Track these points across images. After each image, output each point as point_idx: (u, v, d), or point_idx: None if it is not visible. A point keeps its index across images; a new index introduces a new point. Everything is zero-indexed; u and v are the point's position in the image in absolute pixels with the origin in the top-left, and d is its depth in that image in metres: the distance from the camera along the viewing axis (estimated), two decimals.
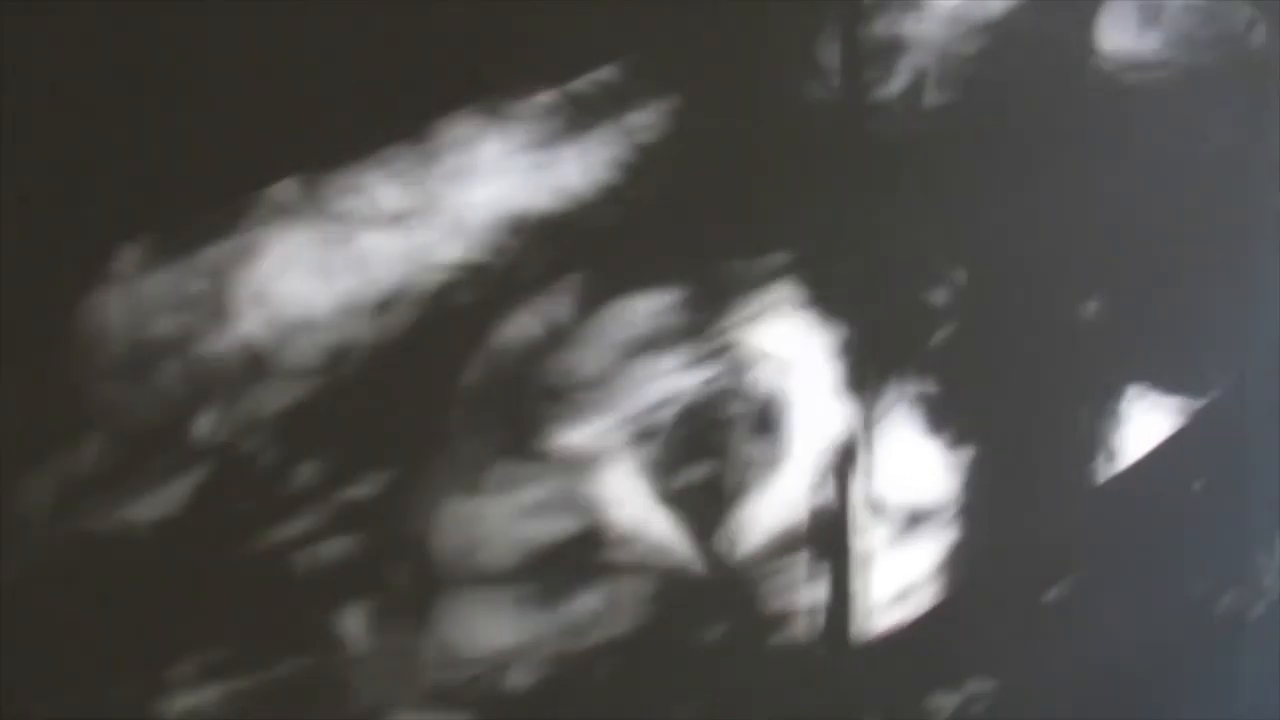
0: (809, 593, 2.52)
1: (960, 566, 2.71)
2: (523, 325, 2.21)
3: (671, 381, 2.35)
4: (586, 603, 2.30)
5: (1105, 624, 2.90)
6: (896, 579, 2.63)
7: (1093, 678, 2.90)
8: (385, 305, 2.10)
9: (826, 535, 2.54)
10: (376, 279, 2.09)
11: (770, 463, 2.46)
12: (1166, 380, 2.96)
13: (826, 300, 2.48)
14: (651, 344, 2.33)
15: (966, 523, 2.70)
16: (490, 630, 2.22)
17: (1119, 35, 2.79)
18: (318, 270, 2.05)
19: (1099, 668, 2.90)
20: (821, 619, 2.54)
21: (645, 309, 2.31)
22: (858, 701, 2.60)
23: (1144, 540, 2.95)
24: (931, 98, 2.57)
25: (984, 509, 2.72)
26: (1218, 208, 3.01)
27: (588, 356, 2.27)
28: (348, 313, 2.07)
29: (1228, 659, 3.11)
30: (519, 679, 2.25)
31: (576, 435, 2.26)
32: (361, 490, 2.11)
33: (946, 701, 2.70)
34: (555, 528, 2.27)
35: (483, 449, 2.19)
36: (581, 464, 2.27)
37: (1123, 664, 2.92)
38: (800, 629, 2.52)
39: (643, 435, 2.33)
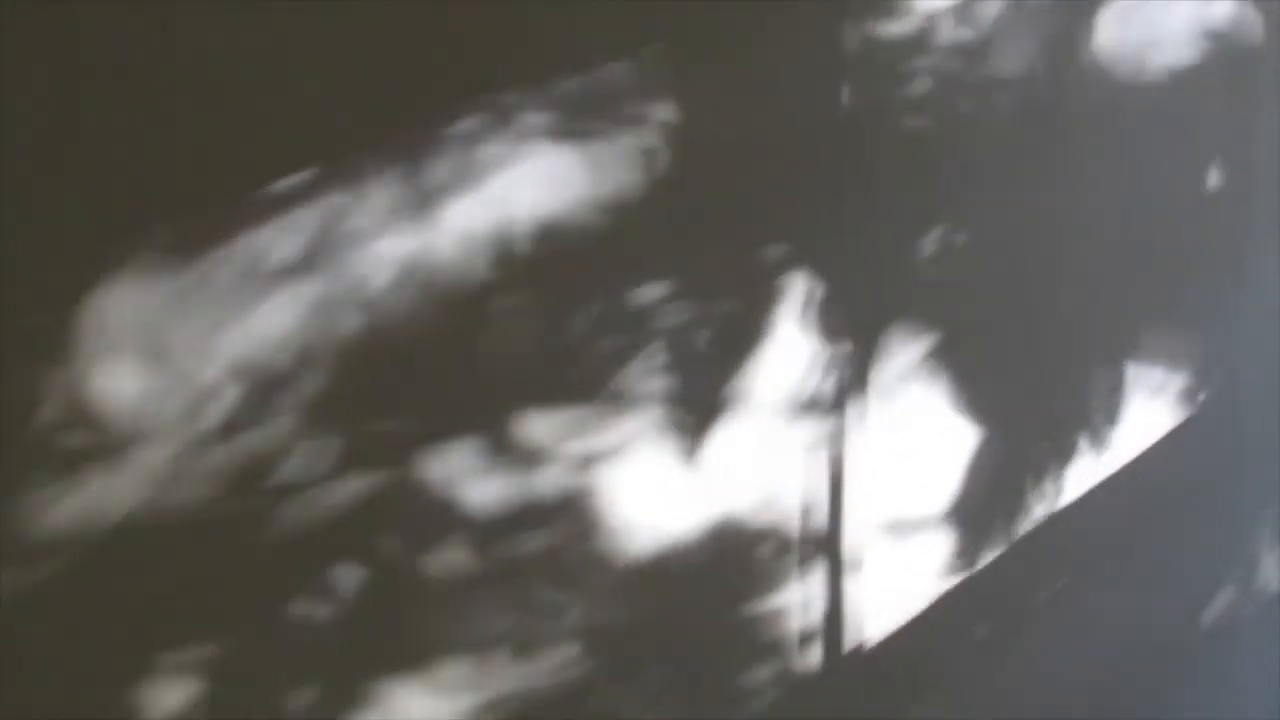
0: (801, 598, 2.53)
1: (952, 570, 2.72)
2: (521, 325, 2.21)
3: (667, 378, 2.35)
4: (575, 606, 2.30)
5: (1098, 626, 2.92)
6: (888, 584, 2.63)
7: (1086, 680, 2.91)
8: (381, 305, 2.09)
9: (818, 539, 2.54)
10: (373, 278, 2.08)
11: (764, 463, 2.46)
12: (1159, 380, 2.97)
13: (822, 299, 2.49)
14: (645, 341, 2.33)
15: (957, 526, 2.71)
16: (474, 629, 2.22)
17: (1115, 33, 2.80)
18: (314, 270, 2.04)
19: (1092, 670, 2.91)
20: (813, 625, 2.54)
21: (643, 307, 2.31)
22: (850, 709, 2.60)
23: (1137, 541, 2.97)
24: (928, 96, 2.58)
25: (974, 512, 2.73)
26: (1211, 205, 3.03)
27: (587, 354, 2.27)
28: (344, 311, 2.06)
29: (1223, 660, 3.13)
30: (504, 681, 2.25)
31: (571, 432, 2.26)
32: (350, 495, 2.10)
33: (938, 706, 2.71)
34: (546, 528, 2.27)
35: (479, 446, 2.18)
36: (576, 462, 2.27)
37: (1117, 666, 2.94)
38: (792, 635, 2.52)
39: (634, 434, 2.33)
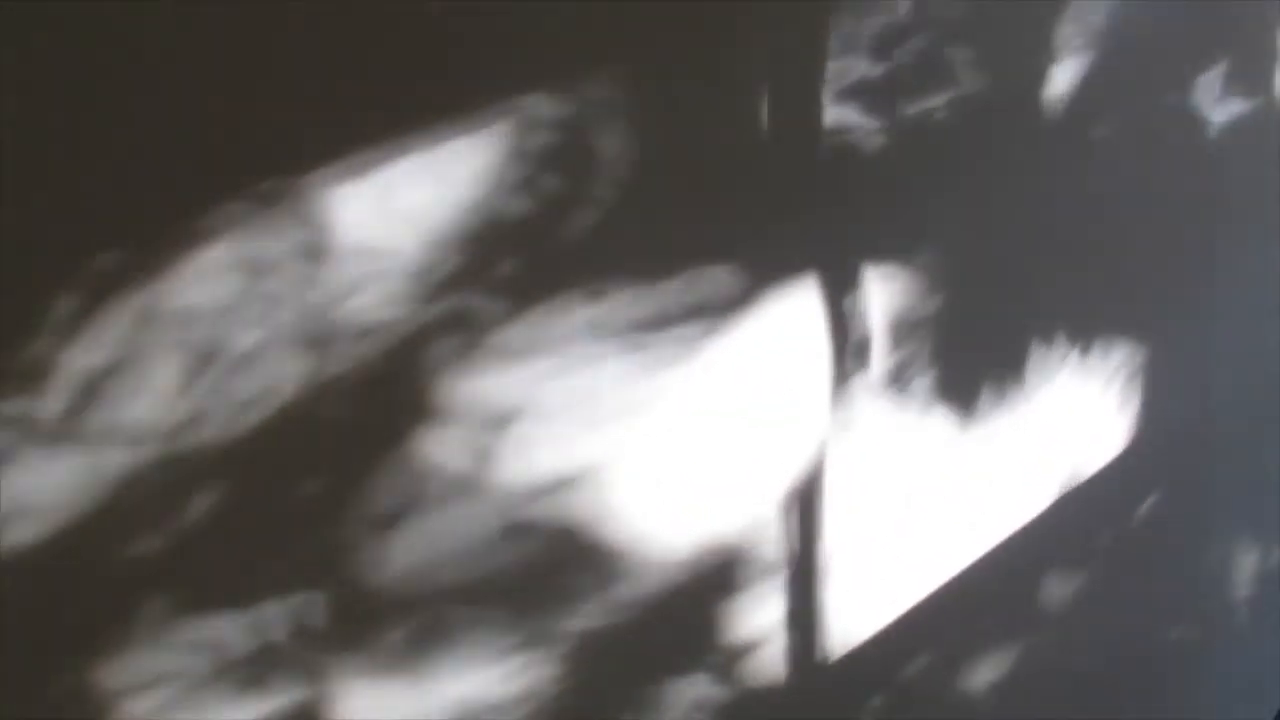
0: (776, 607, 2.52)
1: (930, 577, 2.72)
2: (488, 335, 2.20)
3: (638, 387, 2.34)
4: (556, 619, 2.30)
5: (1070, 643, 2.92)
6: (866, 590, 2.64)
7: (1063, 687, 2.91)
8: (349, 317, 2.08)
9: (795, 548, 2.54)
10: (342, 289, 2.07)
11: (734, 472, 2.46)
12: (1133, 394, 2.98)
13: (796, 306, 2.49)
14: (621, 349, 2.32)
15: (934, 533, 2.71)
16: (466, 644, 2.21)
17: (1083, 32, 2.82)
18: (273, 282, 2.03)
19: (1069, 677, 2.92)
20: (790, 635, 2.54)
21: (610, 317, 2.31)
22: (829, 715, 2.60)
23: (1110, 549, 2.98)
24: (901, 102, 2.58)
25: (949, 525, 2.73)
26: (1183, 218, 3.04)
27: (560, 360, 2.26)
28: (306, 323, 2.05)
29: (1198, 667, 3.14)
30: (492, 693, 2.25)
31: (547, 444, 2.25)
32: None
33: (916, 713, 2.71)
34: (527, 543, 2.26)
35: (452, 463, 2.17)
36: (554, 476, 2.27)
37: (1093, 674, 2.94)
38: (769, 646, 2.52)
39: (612, 440, 2.32)
